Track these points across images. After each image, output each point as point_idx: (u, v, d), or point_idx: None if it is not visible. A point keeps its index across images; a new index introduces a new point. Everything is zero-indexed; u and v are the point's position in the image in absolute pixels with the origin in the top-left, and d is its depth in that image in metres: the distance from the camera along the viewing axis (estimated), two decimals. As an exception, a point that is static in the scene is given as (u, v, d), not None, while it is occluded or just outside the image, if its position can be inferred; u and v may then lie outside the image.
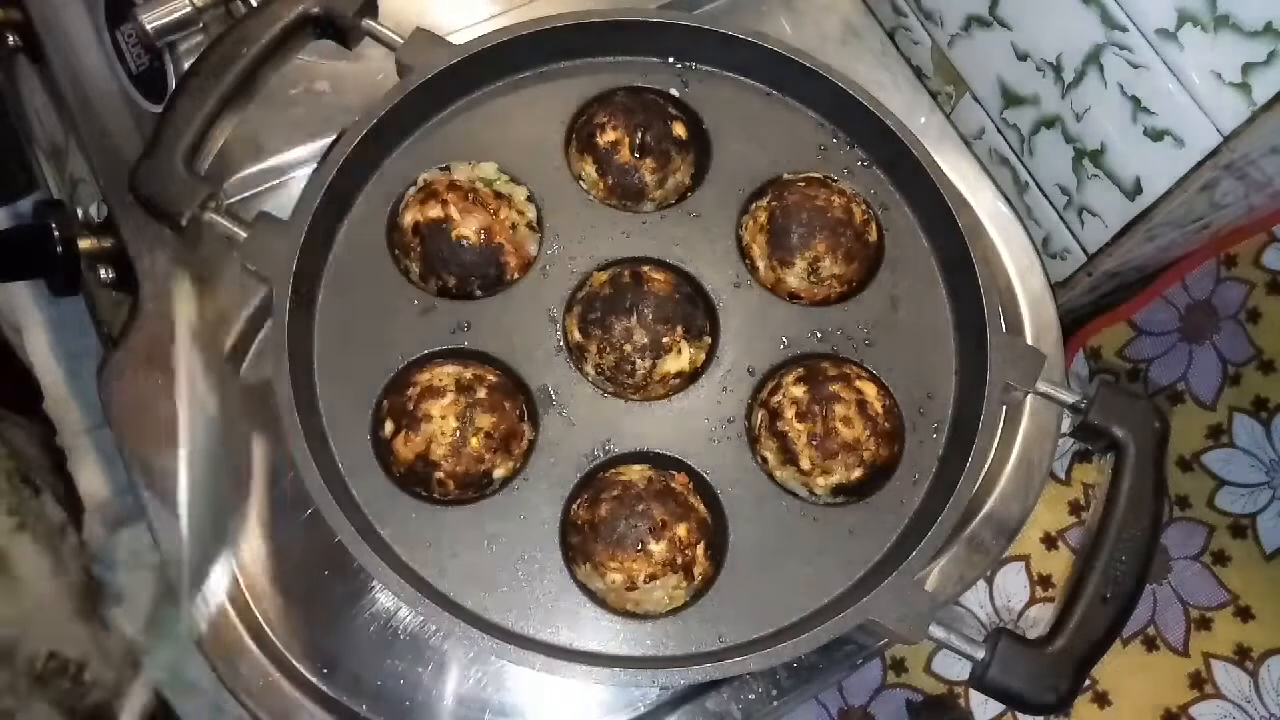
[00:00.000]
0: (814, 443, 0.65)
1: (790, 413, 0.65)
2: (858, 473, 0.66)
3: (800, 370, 0.68)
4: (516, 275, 0.69)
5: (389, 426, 0.64)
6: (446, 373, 0.65)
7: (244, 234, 0.64)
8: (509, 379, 0.67)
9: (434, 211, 0.67)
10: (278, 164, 0.82)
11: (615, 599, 0.63)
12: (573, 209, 0.71)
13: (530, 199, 0.71)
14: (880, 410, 0.66)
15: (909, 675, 1.15)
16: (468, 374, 0.65)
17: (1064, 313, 0.87)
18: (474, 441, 0.63)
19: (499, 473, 0.65)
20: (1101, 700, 1.13)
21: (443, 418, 0.63)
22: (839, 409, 0.65)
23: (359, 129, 0.67)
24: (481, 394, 0.64)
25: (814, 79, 0.73)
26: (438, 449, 0.63)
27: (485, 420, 0.64)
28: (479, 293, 0.69)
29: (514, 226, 0.69)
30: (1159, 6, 0.69)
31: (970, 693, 1.15)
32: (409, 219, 0.68)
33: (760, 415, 0.67)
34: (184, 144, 0.64)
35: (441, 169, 0.71)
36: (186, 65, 0.72)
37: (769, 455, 0.67)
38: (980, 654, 0.59)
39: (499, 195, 0.69)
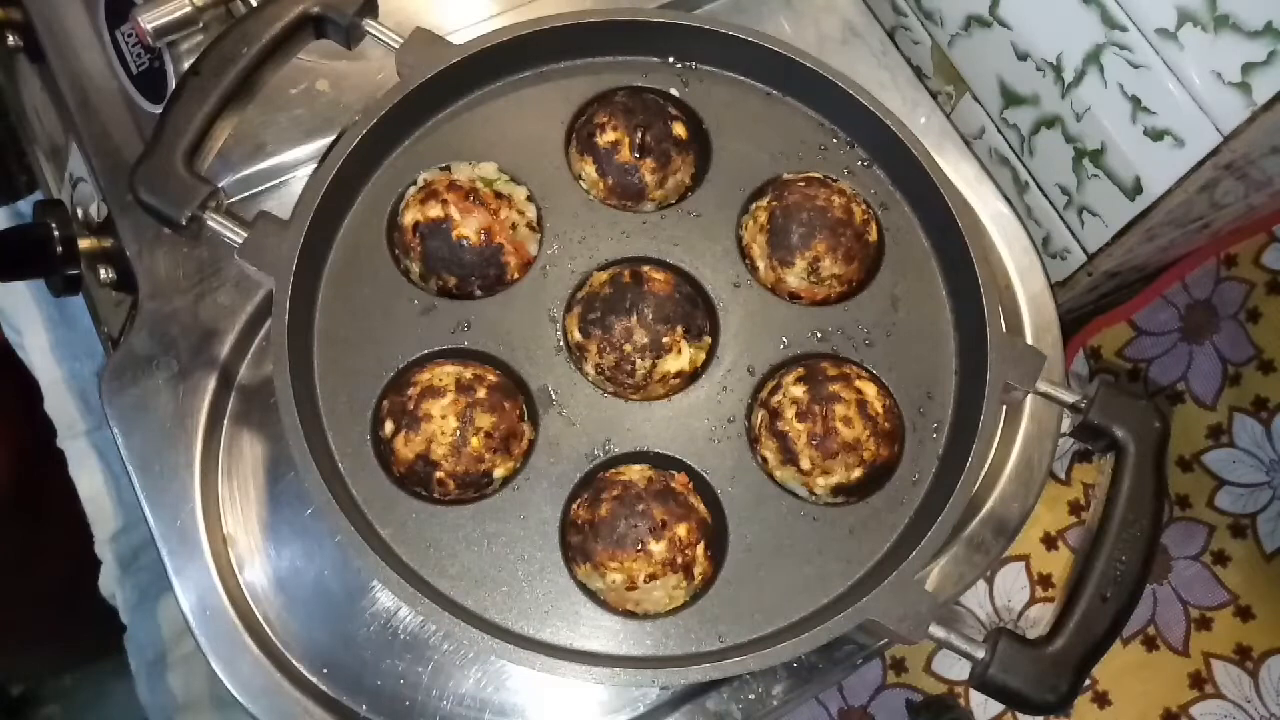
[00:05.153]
0: (814, 443, 0.65)
1: (790, 413, 0.65)
2: (858, 473, 0.66)
3: (800, 370, 0.68)
4: (517, 275, 0.69)
5: (389, 426, 0.64)
6: (446, 372, 0.65)
7: (244, 234, 0.64)
8: (509, 379, 0.67)
9: (434, 211, 0.67)
10: (278, 164, 0.82)
11: (615, 599, 0.63)
12: (573, 209, 0.71)
13: (530, 199, 0.71)
14: (880, 410, 0.66)
15: (909, 675, 1.15)
16: (468, 374, 0.65)
17: (1064, 312, 0.87)
18: (474, 441, 0.63)
19: (499, 472, 0.65)
20: (1101, 700, 1.13)
21: (443, 417, 0.63)
22: (839, 409, 0.65)
23: (359, 129, 0.67)
24: (481, 394, 0.64)
25: (814, 79, 0.73)
26: (438, 449, 0.63)
27: (485, 420, 0.64)
28: (479, 292, 0.69)
29: (514, 226, 0.69)
30: (1159, 6, 0.69)
31: (970, 692, 1.15)
32: (409, 219, 0.68)
33: (760, 415, 0.67)
34: (184, 144, 0.64)
35: (442, 169, 0.71)
36: (186, 65, 0.72)
37: (769, 455, 0.67)
38: (980, 654, 0.59)
39: (499, 195, 0.69)
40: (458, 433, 0.63)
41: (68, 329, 1.00)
